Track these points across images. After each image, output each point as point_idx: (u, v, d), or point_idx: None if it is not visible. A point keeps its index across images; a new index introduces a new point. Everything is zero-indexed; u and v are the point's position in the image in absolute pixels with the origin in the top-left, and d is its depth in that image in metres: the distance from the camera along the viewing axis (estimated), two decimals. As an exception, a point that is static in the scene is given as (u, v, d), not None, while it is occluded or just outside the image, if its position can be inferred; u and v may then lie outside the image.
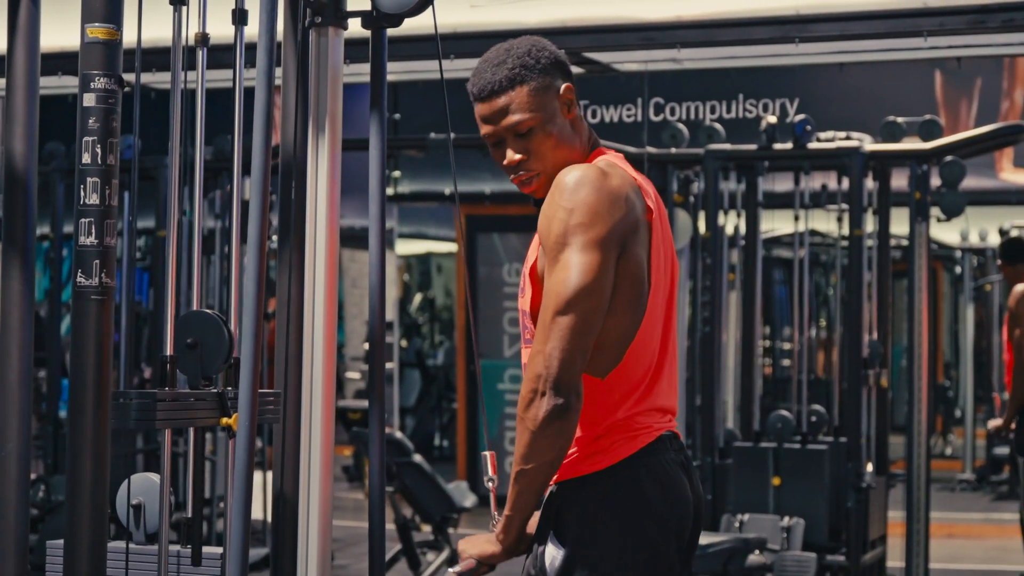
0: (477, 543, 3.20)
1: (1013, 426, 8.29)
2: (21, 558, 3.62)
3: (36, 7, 3.43)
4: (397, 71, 7.84)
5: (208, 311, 3.40)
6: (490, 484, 3.30)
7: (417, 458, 8.49)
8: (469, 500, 8.74)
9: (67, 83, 6.75)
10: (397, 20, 3.36)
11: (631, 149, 8.27)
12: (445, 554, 8.42)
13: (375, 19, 3.38)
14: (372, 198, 3.50)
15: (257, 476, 9.64)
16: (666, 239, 3.19)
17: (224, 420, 3.36)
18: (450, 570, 3.22)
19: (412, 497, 8.44)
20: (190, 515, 3.57)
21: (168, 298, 3.43)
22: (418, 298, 18.10)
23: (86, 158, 3.10)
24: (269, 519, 9.44)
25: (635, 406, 3.10)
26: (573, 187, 3.01)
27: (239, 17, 3.42)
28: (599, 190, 3.01)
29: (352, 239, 16.12)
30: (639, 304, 3.07)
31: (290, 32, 3.53)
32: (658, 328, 3.15)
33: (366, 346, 17.02)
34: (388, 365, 15.57)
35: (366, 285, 17.44)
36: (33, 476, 9.52)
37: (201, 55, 3.69)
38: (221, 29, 3.84)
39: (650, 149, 8.27)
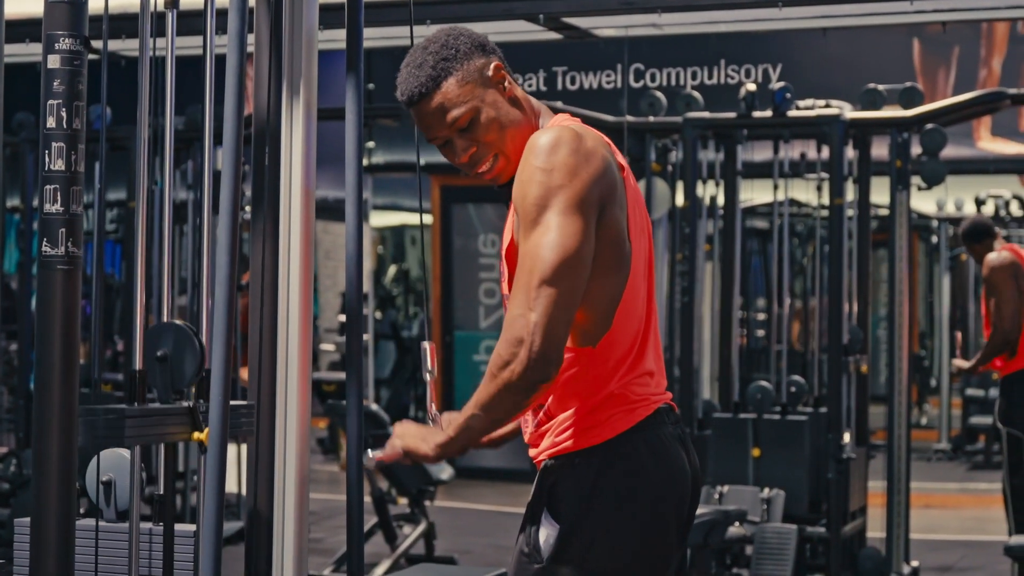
0: (412, 437, 3.05)
1: (968, 365, 8.25)
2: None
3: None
4: (372, 37, 7.69)
5: (179, 323, 3.28)
6: (428, 376, 3.20)
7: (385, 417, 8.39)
8: (445, 473, 8.65)
9: (35, 51, 6.61)
10: (373, -21, 3.24)
11: (609, 117, 8.17)
12: (422, 527, 8.32)
13: (350, -21, 3.25)
14: (349, 164, 3.37)
15: (232, 450, 9.51)
16: (639, 200, 3.10)
17: (195, 435, 3.26)
18: (372, 452, 3.08)
19: (387, 470, 8.33)
20: (162, 492, 3.47)
21: (137, 309, 3.31)
22: (392, 270, 17.97)
23: (51, 122, 2.96)
24: (243, 492, 9.33)
25: (628, 373, 3.01)
26: (550, 148, 2.91)
27: (210, -23, 3.28)
28: (576, 151, 2.91)
29: (325, 211, 15.97)
30: (621, 265, 2.98)
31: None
32: (642, 290, 3.06)
33: (341, 318, 17.01)
34: (364, 337, 15.45)
35: (340, 257, 17.40)
36: (4, 450, 9.40)
37: (171, 19, 3.56)
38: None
39: (629, 118, 8.16)
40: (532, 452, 3.07)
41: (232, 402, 3.18)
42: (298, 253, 3.22)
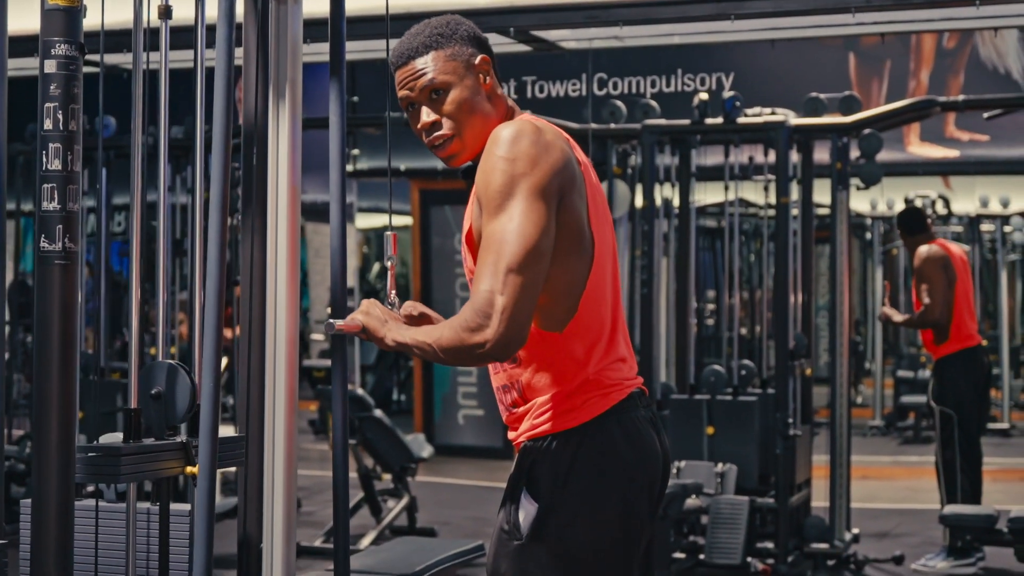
0: (375, 318, 2.92)
1: (897, 319, 8.19)
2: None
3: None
4: (354, 50, 7.55)
5: (171, 362, 3.16)
6: (389, 263, 3.10)
7: (377, 413, 8.26)
8: (426, 451, 8.53)
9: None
10: (354, -13, 3.09)
11: (574, 125, 8.06)
12: (404, 501, 8.19)
13: (333, -12, 3.10)
14: (333, 166, 3.22)
15: (228, 429, 9.37)
16: (600, 194, 2.96)
17: (189, 469, 3.16)
18: (333, 321, 2.93)
19: (373, 449, 8.20)
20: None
21: (132, 355, 3.17)
22: (376, 267, 17.83)
23: (48, 124, 2.82)
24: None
25: (603, 359, 2.88)
26: (512, 139, 2.79)
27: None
28: (536, 142, 2.79)
29: (315, 213, 15.84)
30: (581, 251, 2.84)
31: (251, 3, 3.25)
32: (608, 279, 2.92)
33: (329, 310, 16.82)
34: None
35: (328, 255, 17.24)
36: (21, 433, 9.22)
37: (164, 29, 3.41)
38: (185, 11, 3.57)
39: (592, 125, 8.05)
40: (511, 434, 2.94)
41: (223, 435, 3.07)
42: (285, 246, 3.07)
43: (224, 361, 9.59)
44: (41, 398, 2.79)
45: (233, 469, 9.11)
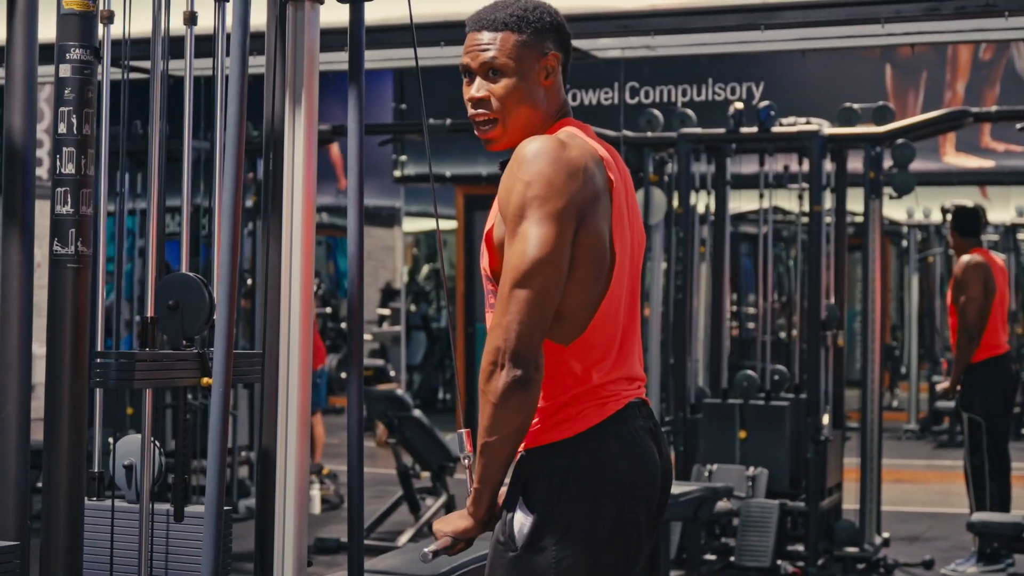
0: (451, 521, 2.79)
1: (959, 388, 7.96)
2: (21, 515, 3.27)
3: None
4: (403, 57, 7.45)
5: (190, 274, 3.04)
6: (466, 461, 2.86)
7: (416, 413, 8.17)
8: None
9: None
10: (371, -7, 2.98)
11: (609, 132, 7.95)
12: (443, 499, 8.10)
13: (350, -6, 3.00)
14: (351, 170, 3.13)
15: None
16: (631, 210, 2.80)
17: (204, 380, 3.02)
18: (426, 550, 2.78)
19: (412, 447, 8.12)
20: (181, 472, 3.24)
21: (150, 261, 3.07)
22: (426, 268, 17.77)
23: (62, 128, 2.74)
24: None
25: (606, 375, 2.73)
26: (530, 159, 2.64)
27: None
28: (555, 161, 2.64)
29: (368, 216, 15.79)
30: (601, 274, 2.70)
31: (272, 8, 3.14)
32: (624, 298, 2.76)
33: (378, 311, 16.82)
34: (396, 328, 15.29)
35: (378, 257, 17.22)
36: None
37: (188, 34, 3.32)
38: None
39: (627, 132, 7.92)
40: None
41: (239, 350, 2.95)
42: (300, 249, 2.97)
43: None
44: (52, 400, 2.71)
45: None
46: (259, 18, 3.30)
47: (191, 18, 3.32)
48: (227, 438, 2.77)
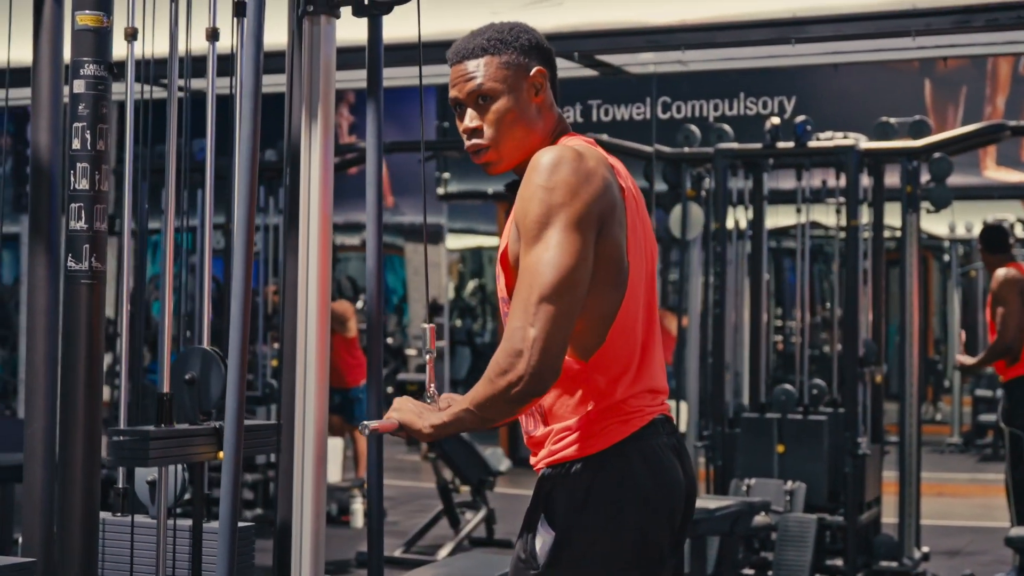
0: (409, 411, 2.69)
1: (970, 363, 7.83)
2: (47, 529, 3.24)
3: (59, 6, 3.01)
4: (443, 74, 7.39)
5: (206, 347, 3.00)
6: (428, 356, 2.85)
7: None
8: (504, 464, 8.35)
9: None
10: (386, 7, 2.93)
11: (643, 147, 7.88)
12: (482, 513, 8.02)
13: (365, 7, 2.94)
14: (369, 183, 3.07)
15: (335, 442, 9.32)
16: (643, 220, 2.73)
17: (220, 454, 2.97)
18: (368, 423, 2.70)
19: (452, 462, 8.05)
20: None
21: (166, 336, 3.02)
22: (471, 284, 17.72)
23: (76, 144, 2.69)
24: (329, 480, 9.08)
25: (628, 389, 2.65)
26: (552, 167, 2.57)
27: (237, 9, 2.98)
28: (577, 170, 2.57)
29: (412, 233, 15.76)
30: (618, 283, 2.62)
31: (293, 25, 3.09)
32: (640, 308, 2.68)
33: (423, 326, 16.72)
34: (440, 343, 15.24)
35: (428, 274, 17.15)
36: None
37: (211, 51, 3.27)
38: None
39: (663, 148, 7.85)
40: (532, 460, 2.73)
41: (256, 422, 2.91)
42: (316, 264, 2.91)
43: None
44: (66, 415, 2.66)
45: (334, 480, 9.00)
46: (278, 37, 3.26)
47: (213, 34, 3.28)
48: (239, 503, 2.72)
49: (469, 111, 2.74)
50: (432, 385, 2.80)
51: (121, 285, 3.05)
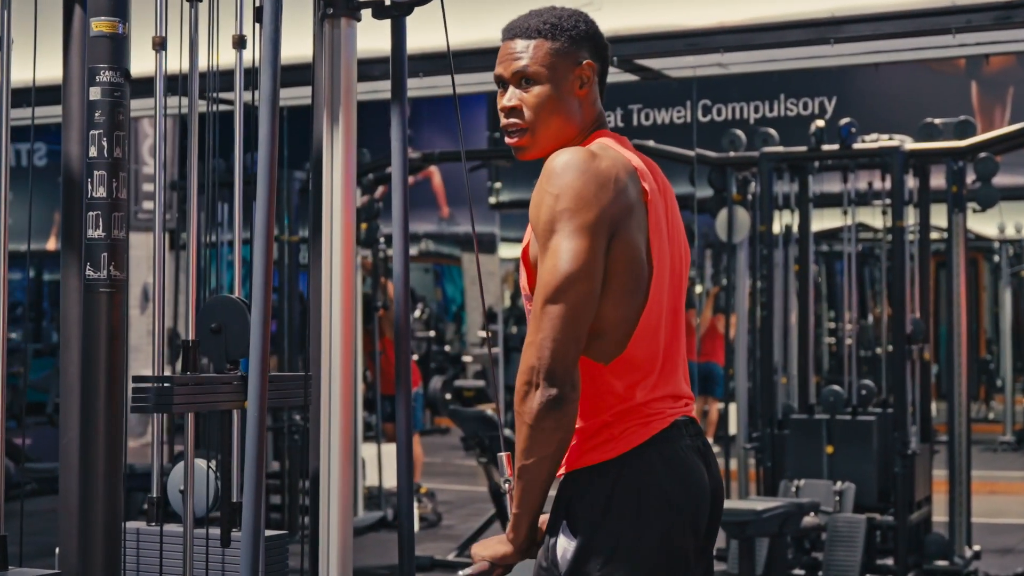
0: (490, 545, 2.58)
1: None
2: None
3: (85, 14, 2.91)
4: (490, 82, 7.28)
5: (232, 296, 2.88)
6: (506, 485, 2.66)
7: (507, 432, 7.95)
8: (555, 468, 8.19)
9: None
10: (407, 8, 2.80)
11: (686, 152, 7.73)
12: (535, 517, 7.87)
13: (386, 9, 2.82)
14: (395, 189, 2.95)
15: (372, 448, 9.21)
16: (672, 223, 2.58)
17: (247, 403, 2.83)
18: (461, 573, 2.57)
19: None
20: (234, 499, 3.08)
21: (190, 283, 2.91)
22: (528, 292, 17.61)
23: (93, 151, 2.59)
24: (384, 486, 8.98)
25: (649, 393, 2.50)
26: (559, 172, 2.44)
27: (257, 15, 2.86)
28: (585, 173, 2.43)
29: (468, 243, 15.66)
30: (638, 288, 2.48)
31: (317, 29, 2.97)
32: (664, 312, 2.54)
33: (481, 334, 16.68)
34: (494, 350, 15.12)
35: (484, 283, 17.06)
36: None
37: (238, 59, 3.17)
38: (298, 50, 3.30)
39: (705, 152, 7.68)
40: None
41: (282, 373, 2.76)
42: (339, 270, 2.77)
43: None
44: (87, 426, 2.56)
45: (375, 483, 8.92)
46: (300, 49, 3.14)
47: (240, 42, 3.17)
48: (264, 461, 2.60)
49: (512, 89, 2.62)
50: (507, 484, 2.64)
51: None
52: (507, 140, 2.65)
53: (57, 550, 2.99)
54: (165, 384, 2.68)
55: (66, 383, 2.89)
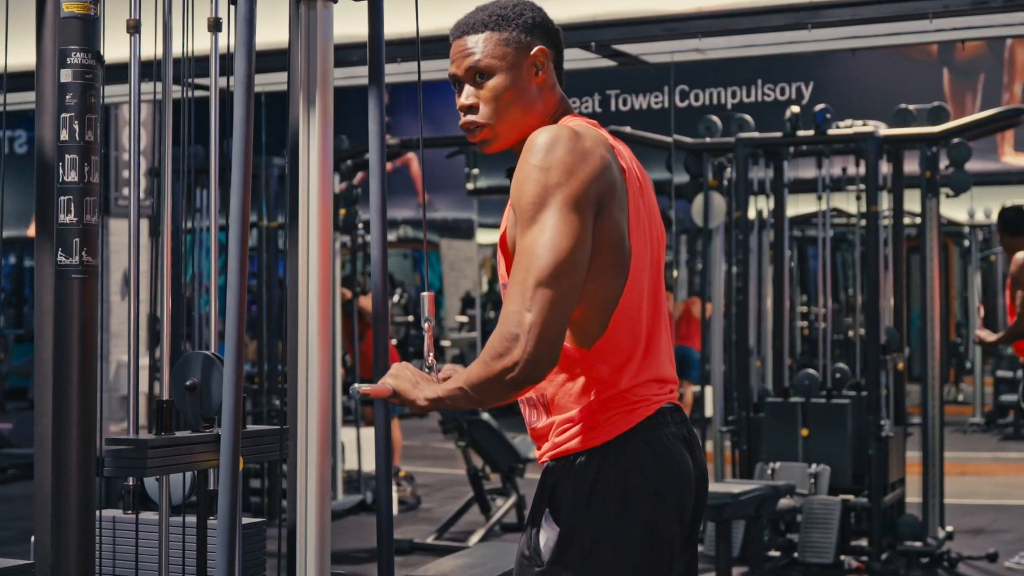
0: (406, 379, 2.50)
1: (991, 339, 7.55)
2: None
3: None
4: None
5: (207, 352, 2.79)
6: (427, 324, 2.65)
7: (485, 416, 7.89)
8: (533, 452, 8.13)
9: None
10: (382, -10, 2.71)
11: (663, 138, 7.66)
12: (512, 500, 7.82)
13: (363, -10, 2.74)
14: (373, 173, 2.86)
15: (351, 432, 9.13)
16: (648, 204, 2.51)
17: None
18: (359, 386, 2.50)
19: (482, 450, 7.84)
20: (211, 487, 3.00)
21: (164, 340, 2.82)
22: (505, 278, 17.55)
23: (64, 135, 2.50)
24: (363, 469, 8.90)
25: (633, 378, 2.43)
26: (547, 146, 2.36)
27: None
28: (573, 149, 2.36)
29: (447, 229, 15.57)
30: (619, 267, 2.41)
31: (293, 10, 2.88)
32: (645, 294, 2.46)
33: (459, 318, 16.60)
34: (472, 334, 15.06)
35: (461, 268, 17.00)
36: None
37: (213, 42, 3.07)
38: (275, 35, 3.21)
39: (682, 138, 7.61)
40: (535, 452, 2.53)
41: (259, 427, 2.70)
42: (316, 257, 2.69)
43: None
44: (59, 416, 2.47)
45: (354, 467, 8.83)
46: (277, 35, 3.05)
47: (215, 24, 3.08)
48: (239, 512, 2.52)
49: (467, 88, 2.54)
50: (431, 354, 2.60)
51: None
52: (470, 138, 2.58)
53: (33, 539, 2.91)
54: (138, 448, 2.60)
55: (40, 370, 2.80)
